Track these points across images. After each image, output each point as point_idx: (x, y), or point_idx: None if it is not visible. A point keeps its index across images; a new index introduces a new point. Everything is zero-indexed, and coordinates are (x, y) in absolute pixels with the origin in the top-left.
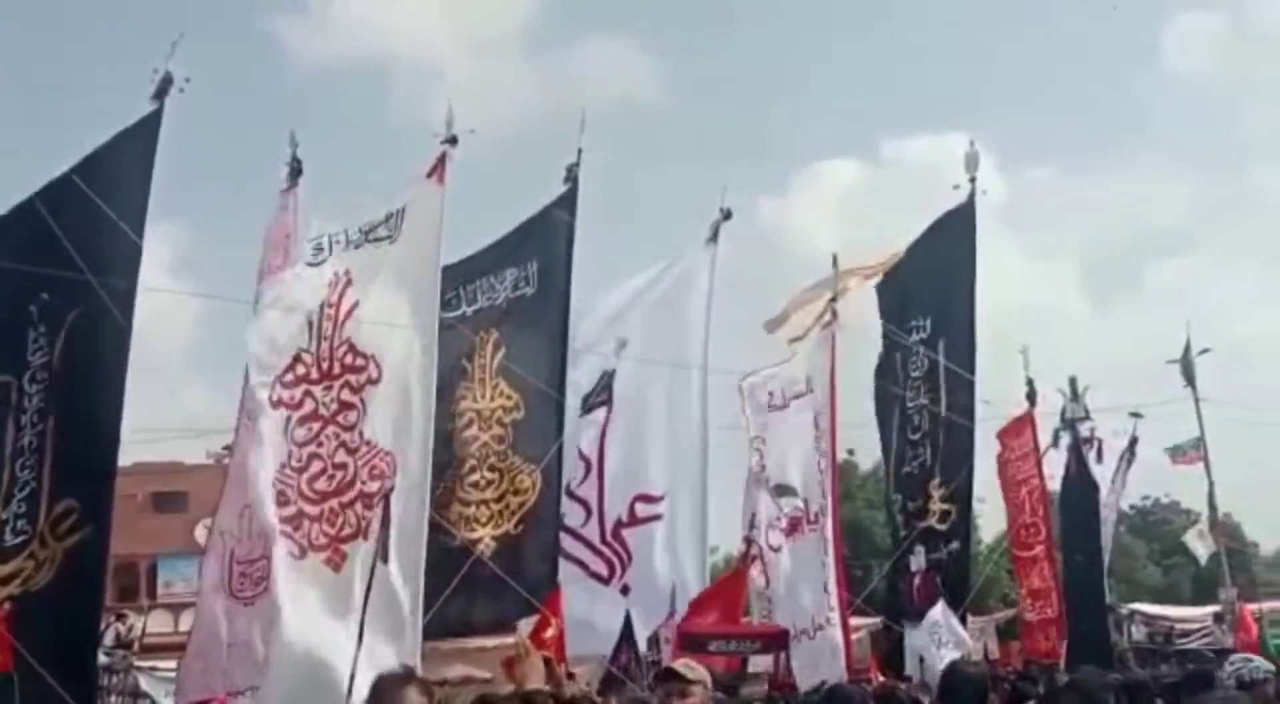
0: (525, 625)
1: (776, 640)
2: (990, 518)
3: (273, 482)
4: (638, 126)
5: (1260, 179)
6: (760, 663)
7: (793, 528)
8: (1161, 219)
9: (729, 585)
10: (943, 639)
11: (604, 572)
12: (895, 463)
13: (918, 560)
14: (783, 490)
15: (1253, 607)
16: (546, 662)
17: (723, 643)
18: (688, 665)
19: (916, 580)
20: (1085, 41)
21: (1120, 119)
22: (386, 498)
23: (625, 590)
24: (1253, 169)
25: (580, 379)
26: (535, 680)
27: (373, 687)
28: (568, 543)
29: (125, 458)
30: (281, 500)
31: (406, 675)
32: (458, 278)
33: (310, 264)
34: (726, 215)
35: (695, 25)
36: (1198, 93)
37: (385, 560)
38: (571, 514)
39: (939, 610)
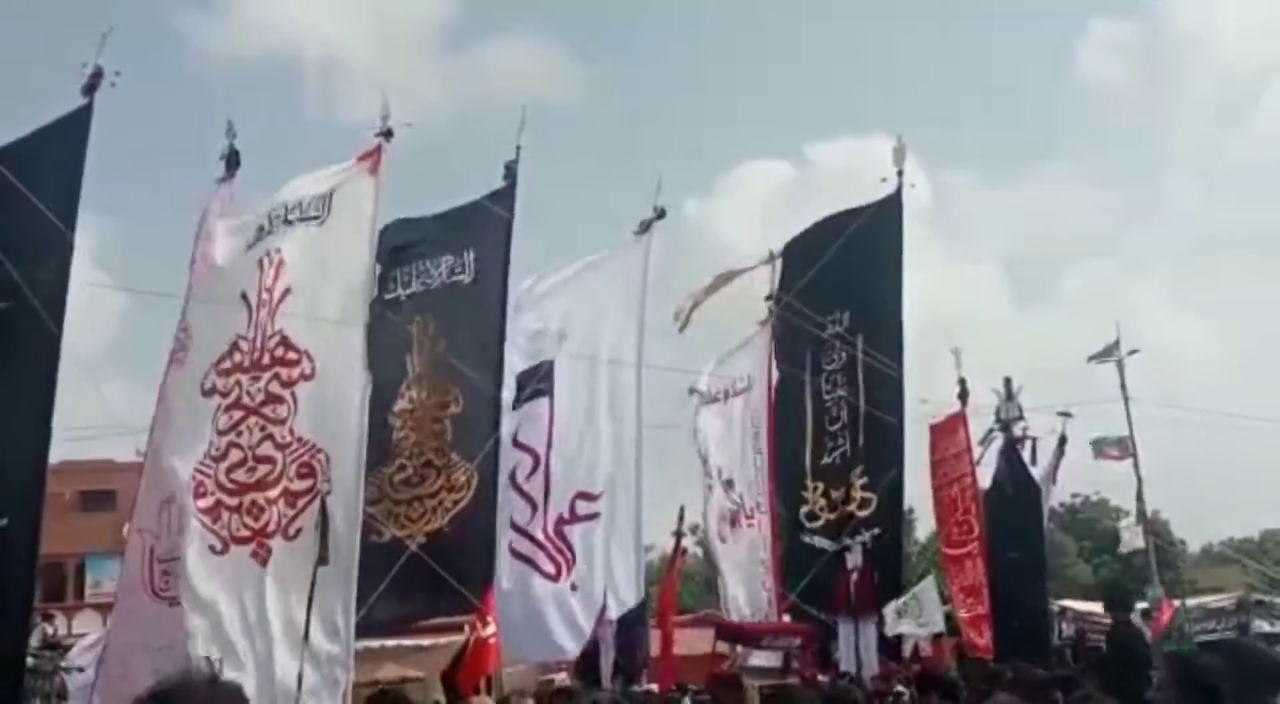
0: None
1: (810, 637)
2: (922, 518)
3: (192, 473)
4: (559, 127)
5: (1173, 187)
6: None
7: (733, 520)
8: (1079, 225)
9: (669, 584)
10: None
11: (552, 569)
12: (812, 453)
13: (854, 557)
14: (728, 485)
15: (1177, 602)
16: None
17: (771, 639)
18: None
19: (854, 577)
20: (1005, 49)
21: (1039, 126)
22: (324, 502)
23: (574, 587)
24: (1167, 177)
25: (511, 366)
26: None
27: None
28: (515, 540)
29: (51, 456)
30: (200, 492)
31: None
32: (393, 256)
33: (250, 247)
34: (660, 214)
35: (616, 26)
36: (1113, 101)
37: (325, 562)
38: (518, 509)
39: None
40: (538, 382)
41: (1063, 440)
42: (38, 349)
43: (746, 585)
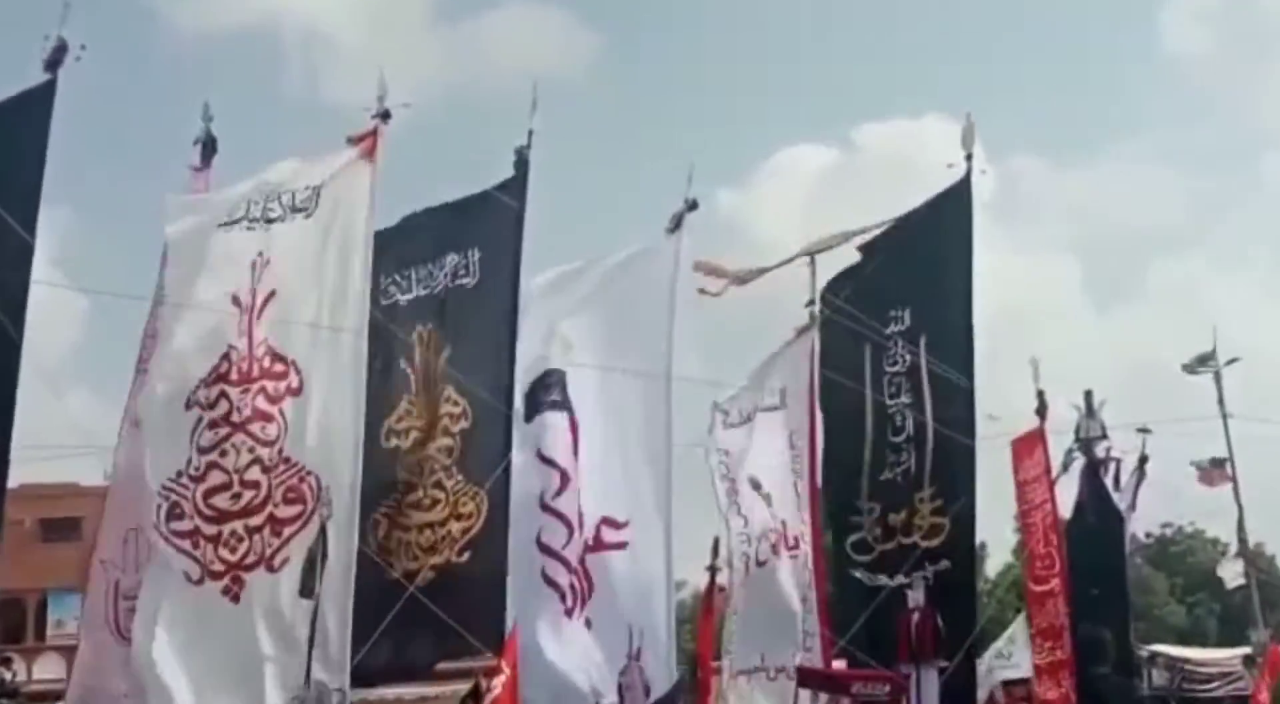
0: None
1: (899, 686)
2: (993, 550)
3: (165, 490)
4: (568, 105)
5: (1272, 169)
6: None
7: (767, 553)
8: (1163, 212)
9: (705, 625)
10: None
11: (569, 602)
12: (871, 468)
13: (915, 594)
14: (768, 499)
15: None
16: None
17: (861, 685)
18: None
19: (915, 617)
20: (1076, 17)
21: (1116, 106)
22: (324, 529)
23: (589, 624)
24: (1265, 158)
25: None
26: None
27: None
28: (549, 566)
29: (10, 478)
30: (175, 513)
31: None
32: (390, 258)
33: (225, 224)
34: (691, 206)
35: None
36: (1200, 74)
37: (307, 595)
38: (550, 531)
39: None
40: (551, 392)
41: (1143, 460)
42: None
43: (767, 627)
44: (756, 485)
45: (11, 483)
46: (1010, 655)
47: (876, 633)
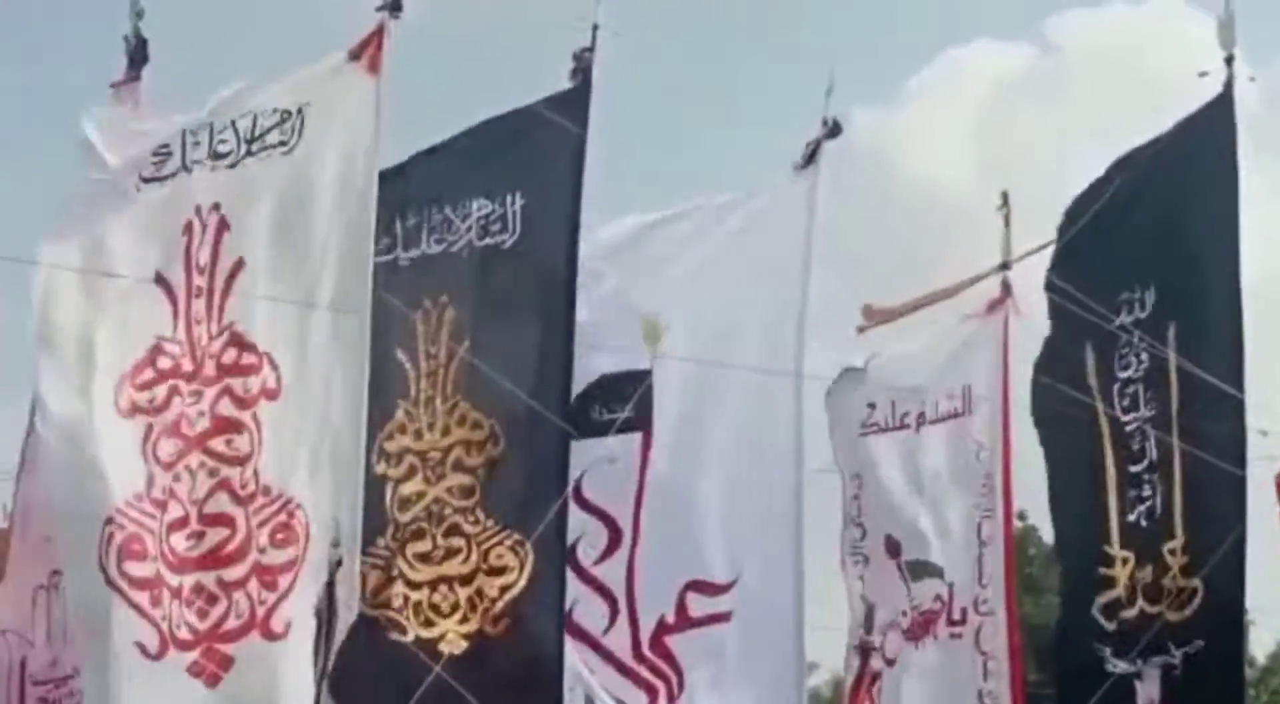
0: None
1: None
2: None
3: (120, 515)
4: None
5: None
6: None
7: (924, 626)
8: None
9: None
10: None
11: (642, 702)
12: (1100, 510)
13: (1149, 687)
14: (918, 569)
15: None
16: None
17: None
18: None
19: None
20: None
21: None
22: (331, 582)
23: None
24: None
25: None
26: None
27: None
28: (584, 656)
29: None
30: (134, 550)
31: None
32: (388, 202)
33: (149, 180)
34: (832, 131)
35: None
36: None
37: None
38: (586, 610)
39: None
40: (623, 404)
41: None
42: None
43: None
44: (916, 565)
45: None
46: None
47: None
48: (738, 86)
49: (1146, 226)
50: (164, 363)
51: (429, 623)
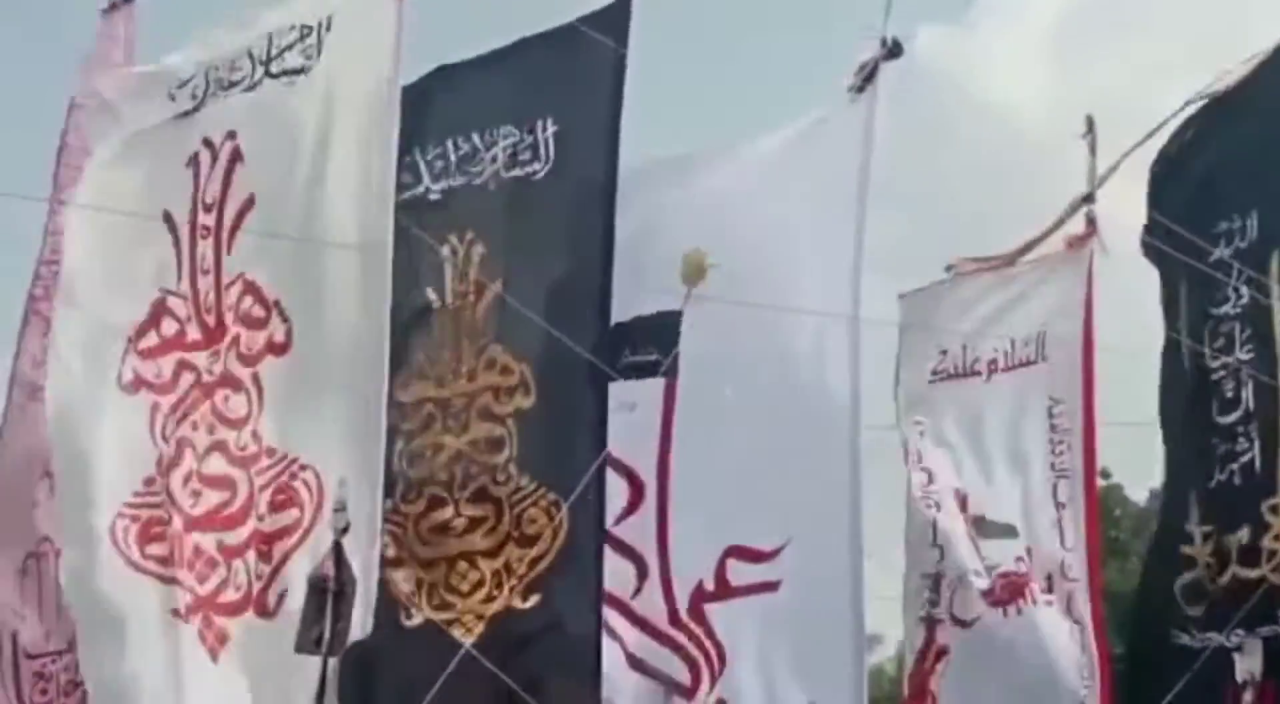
0: None
1: None
2: None
3: (131, 509)
4: None
5: None
6: None
7: (1008, 594)
8: None
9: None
10: None
11: (684, 675)
12: (1194, 468)
13: (1249, 661)
14: (989, 528)
15: None
16: None
17: None
18: None
19: (1248, 696)
20: None
21: None
22: (338, 547)
23: None
24: None
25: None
26: None
27: None
28: (609, 618)
29: None
30: (155, 533)
31: None
32: (410, 132)
33: (177, 116)
34: (892, 51)
35: None
36: None
37: (334, 652)
38: (611, 571)
39: None
40: (647, 347)
41: None
42: None
43: None
44: (985, 524)
45: None
46: None
47: None
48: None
49: (1249, 153)
50: (169, 327)
51: (442, 606)
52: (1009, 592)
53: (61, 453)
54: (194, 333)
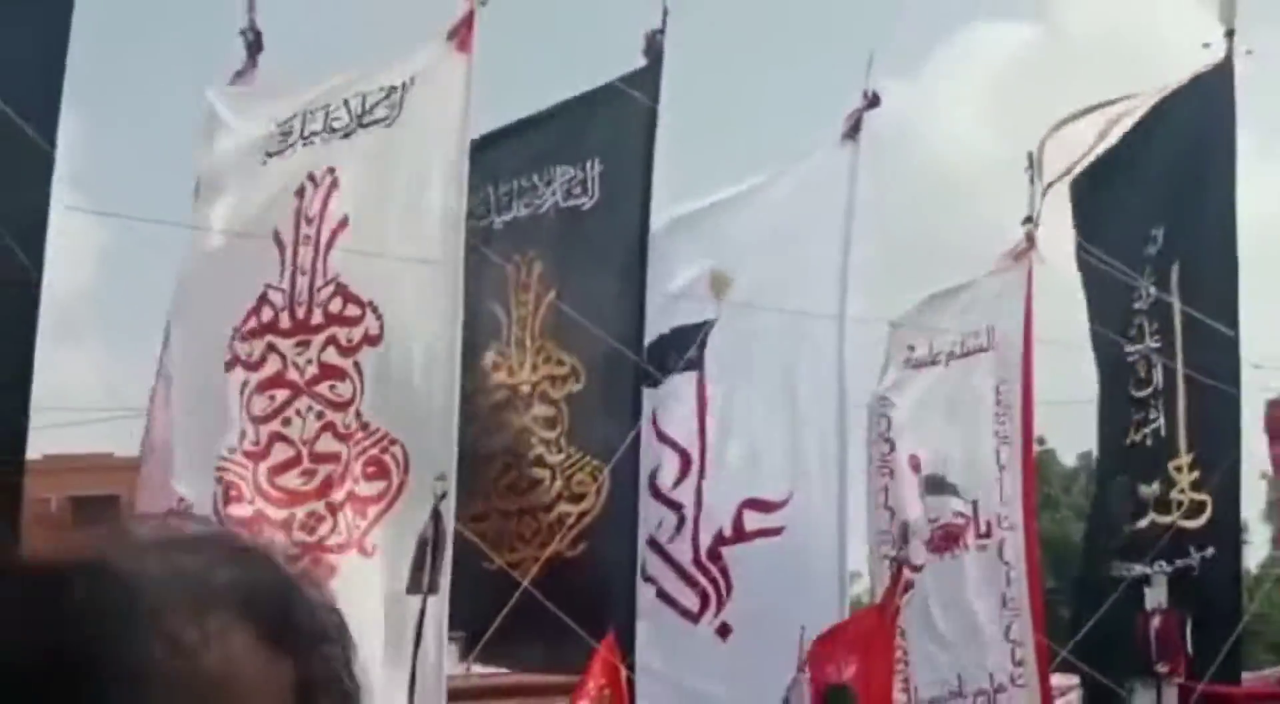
0: None
1: None
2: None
3: (220, 469)
4: None
5: None
6: None
7: (947, 541)
8: None
9: (867, 622)
10: None
11: (693, 604)
12: (1113, 432)
13: (1156, 593)
14: (936, 486)
15: None
16: None
17: None
18: None
19: (1156, 622)
20: None
21: None
22: (437, 511)
23: (724, 630)
24: None
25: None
26: None
27: None
28: (652, 563)
29: (29, 447)
30: (232, 494)
31: None
32: (483, 172)
33: (271, 154)
34: (871, 102)
35: None
36: None
37: (434, 590)
38: (664, 528)
39: None
40: (687, 349)
41: None
42: (10, 299)
43: (955, 640)
44: (935, 482)
45: (32, 453)
46: None
47: (1106, 639)
48: (785, 62)
49: (1153, 176)
50: (266, 314)
51: (513, 549)
52: (946, 541)
53: (180, 425)
54: (285, 322)
